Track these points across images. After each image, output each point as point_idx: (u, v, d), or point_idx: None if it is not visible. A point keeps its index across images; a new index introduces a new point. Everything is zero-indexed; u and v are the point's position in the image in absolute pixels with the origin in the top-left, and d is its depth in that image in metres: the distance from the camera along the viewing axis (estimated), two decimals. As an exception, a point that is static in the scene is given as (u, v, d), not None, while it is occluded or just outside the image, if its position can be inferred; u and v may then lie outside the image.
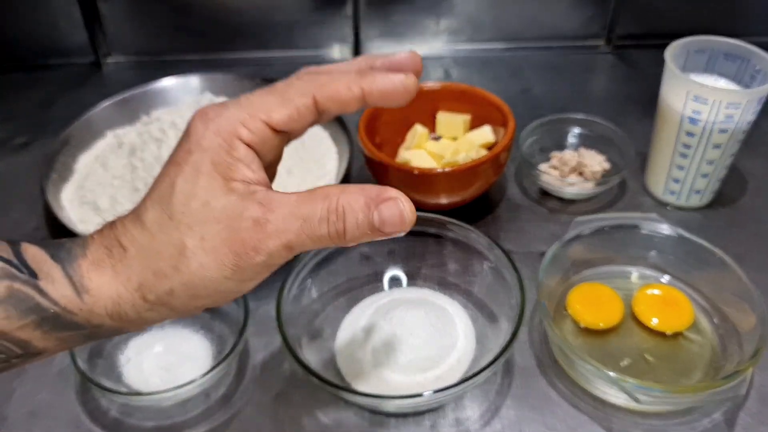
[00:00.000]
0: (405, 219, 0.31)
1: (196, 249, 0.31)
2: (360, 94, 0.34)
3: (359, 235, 0.32)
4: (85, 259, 0.32)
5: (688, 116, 0.63)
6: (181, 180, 0.32)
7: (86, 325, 0.32)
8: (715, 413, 0.52)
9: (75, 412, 0.53)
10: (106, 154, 0.74)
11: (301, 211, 0.31)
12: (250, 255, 0.31)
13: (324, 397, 0.53)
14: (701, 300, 0.59)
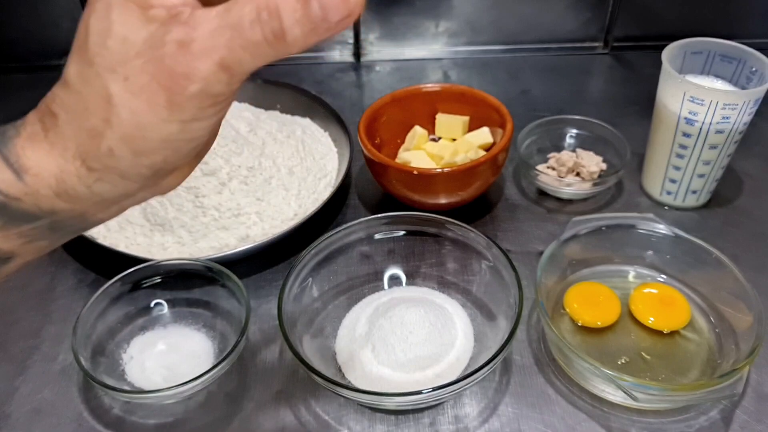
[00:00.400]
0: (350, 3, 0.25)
1: (122, 93, 0.27)
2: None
3: (302, 34, 0.26)
4: (20, 137, 0.29)
5: (684, 117, 0.64)
6: (93, 19, 0.27)
7: (37, 212, 0.29)
8: (711, 411, 0.52)
9: (78, 410, 0.53)
10: None
11: (228, 19, 0.26)
12: (181, 85, 0.26)
13: (325, 395, 0.54)
14: (698, 299, 0.59)
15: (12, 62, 0.94)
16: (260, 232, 0.65)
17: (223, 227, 0.65)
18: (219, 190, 0.65)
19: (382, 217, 0.61)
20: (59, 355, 0.57)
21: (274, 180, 0.68)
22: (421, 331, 0.54)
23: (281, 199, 0.68)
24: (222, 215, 0.65)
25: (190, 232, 0.64)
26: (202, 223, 0.64)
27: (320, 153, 0.75)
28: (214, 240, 0.64)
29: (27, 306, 0.62)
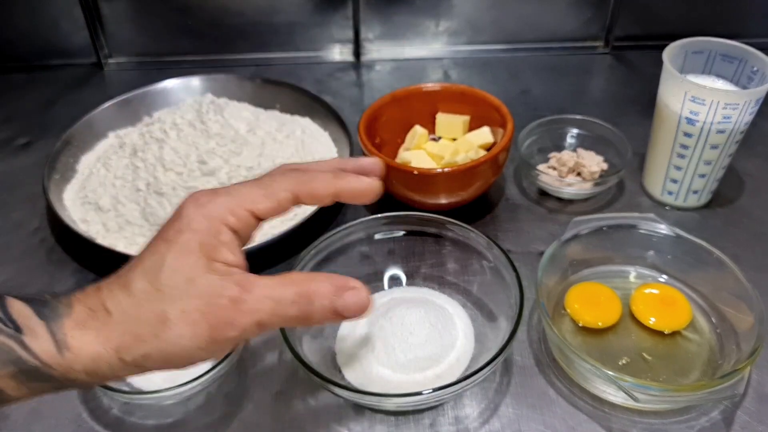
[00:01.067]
0: (364, 307, 0.37)
1: (177, 320, 0.34)
2: (335, 192, 0.40)
3: (322, 317, 0.36)
4: (70, 318, 0.34)
5: (685, 117, 0.63)
6: (170, 256, 0.35)
7: (61, 378, 0.34)
8: (713, 412, 0.52)
9: (76, 411, 0.53)
10: (108, 155, 0.73)
11: (274, 294, 0.35)
12: (225, 330, 0.34)
13: (324, 395, 0.54)
14: (699, 299, 0.59)
15: (12, 62, 0.94)
16: (259, 232, 0.65)
17: None
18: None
19: (382, 217, 0.61)
20: (58, 356, 0.57)
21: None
22: (421, 332, 0.54)
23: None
24: None
25: None
26: None
27: (320, 153, 0.75)
28: None
29: (26, 306, 0.62)
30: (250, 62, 0.95)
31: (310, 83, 0.90)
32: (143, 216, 0.65)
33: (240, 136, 0.69)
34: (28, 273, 0.65)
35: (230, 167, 0.66)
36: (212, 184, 0.65)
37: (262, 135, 0.71)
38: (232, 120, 0.71)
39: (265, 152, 0.69)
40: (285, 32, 0.95)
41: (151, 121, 0.76)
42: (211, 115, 0.72)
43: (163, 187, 0.65)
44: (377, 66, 0.96)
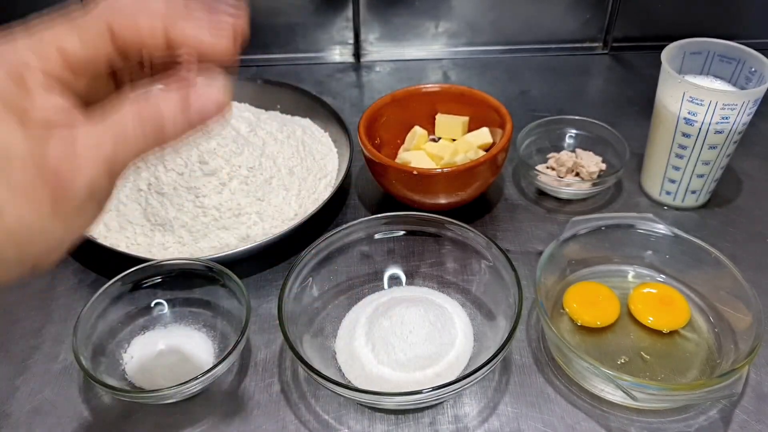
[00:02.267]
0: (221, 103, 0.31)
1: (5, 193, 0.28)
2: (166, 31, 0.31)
3: (179, 131, 0.30)
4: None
5: (684, 117, 0.64)
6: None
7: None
8: (711, 411, 0.53)
9: (78, 410, 0.54)
10: None
11: (110, 124, 0.29)
12: (69, 186, 0.28)
13: (325, 394, 0.54)
14: (697, 299, 0.60)
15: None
16: (260, 231, 0.65)
17: (223, 227, 0.65)
18: (219, 190, 0.65)
19: (382, 217, 0.61)
20: (60, 355, 0.57)
21: (274, 180, 0.68)
22: (420, 331, 0.54)
23: (281, 199, 0.68)
24: (222, 215, 0.65)
25: (191, 232, 0.64)
26: (202, 223, 0.64)
27: (320, 153, 0.75)
28: (215, 240, 0.64)
29: (28, 306, 0.62)
30: (251, 63, 0.95)
31: (311, 84, 0.90)
32: (144, 216, 0.65)
33: (241, 136, 0.69)
34: (29, 273, 0.65)
35: (231, 167, 0.66)
36: (213, 185, 0.65)
37: (263, 135, 0.71)
38: (233, 120, 0.71)
39: (266, 152, 0.69)
40: (286, 34, 0.95)
41: None
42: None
43: (164, 187, 0.65)
44: (377, 67, 0.96)
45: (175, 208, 0.64)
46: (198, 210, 0.64)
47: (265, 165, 0.68)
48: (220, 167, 0.66)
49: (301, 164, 0.71)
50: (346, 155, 0.72)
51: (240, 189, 0.66)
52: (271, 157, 0.69)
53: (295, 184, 0.69)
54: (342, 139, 0.75)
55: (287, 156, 0.71)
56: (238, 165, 0.66)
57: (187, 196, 0.64)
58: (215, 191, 0.65)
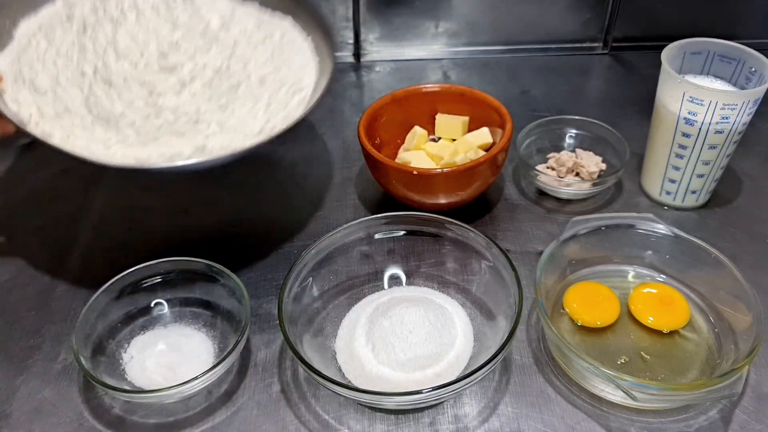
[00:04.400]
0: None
1: None
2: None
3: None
4: None
5: (684, 117, 0.64)
6: None
7: None
8: (711, 411, 0.52)
9: (78, 410, 0.54)
10: (53, 25, 0.61)
11: None
12: None
13: (325, 394, 0.54)
14: (697, 299, 0.60)
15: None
16: (219, 144, 0.57)
17: (177, 132, 0.56)
18: (178, 90, 0.57)
19: (382, 217, 0.61)
20: (60, 355, 0.57)
21: (242, 87, 0.60)
22: (421, 331, 0.54)
23: (247, 110, 0.59)
24: (178, 119, 0.56)
25: (138, 133, 0.56)
26: (153, 125, 0.56)
27: (298, 63, 0.65)
28: (165, 146, 0.56)
29: (27, 305, 0.62)
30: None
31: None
32: (86, 105, 0.56)
33: (210, 31, 0.60)
34: (28, 272, 0.65)
35: (194, 65, 0.57)
36: (171, 82, 0.56)
37: (235, 33, 0.62)
38: (204, 10, 0.62)
39: (236, 53, 0.61)
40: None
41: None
42: (180, 0, 0.61)
43: (113, 77, 0.56)
44: (377, 67, 0.96)
45: (123, 103, 0.56)
46: (150, 109, 0.56)
47: (234, 69, 0.60)
48: (181, 64, 0.57)
49: (274, 73, 0.62)
50: (328, 69, 0.63)
51: (202, 92, 0.58)
52: (241, 60, 0.61)
53: (265, 95, 0.61)
54: (324, 48, 0.65)
55: (260, 62, 0.62)
56: (203, 64, 0.58)
57: (139, 92, 0.56)
58: (173, 91, 0.57)
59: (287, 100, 0.62)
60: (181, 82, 0.57)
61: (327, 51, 0.65)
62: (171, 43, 0.58)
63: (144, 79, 0.56)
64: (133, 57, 0.57)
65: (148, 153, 0.55)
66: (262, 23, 0.65)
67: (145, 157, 0.55)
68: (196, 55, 0.58)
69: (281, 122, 0.60)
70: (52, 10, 0.63)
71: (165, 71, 0.57)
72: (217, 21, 0.62)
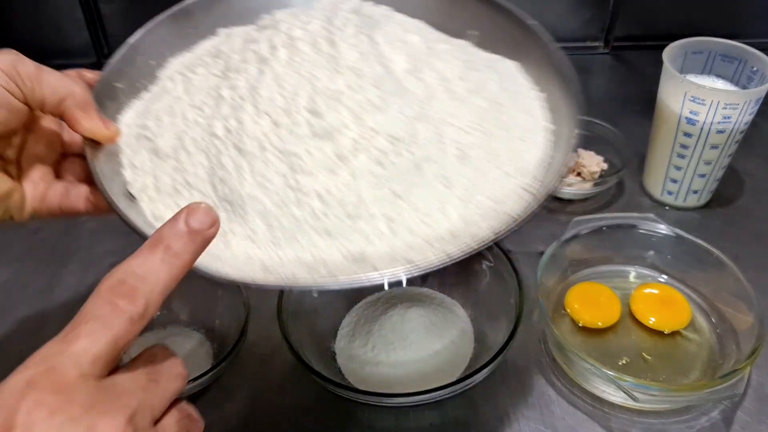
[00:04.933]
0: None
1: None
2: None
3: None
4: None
5: (685, 117, 0.64)
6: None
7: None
8: (712, 412, 0.52)
9: (77, 410, 0.53)
10: (198, 63, 0.47)
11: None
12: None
13: (325, 395, 0.54)
14: (699, 299, 0.59)
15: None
16: (385, 251, 0.38)
17: (325, 231, 0.39)
18: (333, 166, 0.39)
19: (382, 217, 0.60)
20: (59, 355, 0.57)
21: (430, 165, 0.40)
22: (420, 331, 0.54)
23: (435, 200, 0.40)
24: (329, 210, 0.39)
25: (270, 226, 0.39)
26: (292, 216, 0.39)
27: (521, 128, 0.44)
28: (307, 248, 0.39)
29: (27, 306, 0.62)
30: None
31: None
32: (210, 179, 0.41)
33: (393, 76, 0.42)
34: (27, 273, 0.65)
35: (362, 130, 0.40)
36: (324, 154, 0.39)
37: (431, 80, 0.44)
38: (384, 47, 0.44)
39: (429, 113, 0.42)
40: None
41: (265, 25, 0.47)
42: (349, 30, 0.43)
43: (247, 141, 0.40)
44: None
45: (254, 180, 0.40)
46: (290, 192, 0.39)
47: (423, 136, 0.41)
48: (342, 126, 0.40)
49: (484, 144, 0.42)
50: (564, 141, 0.43)
51: (369, 171, 0.39)
52: (435, 122, 0.42)
53: (465, 177, 0.41)
54: (563, 108, 0.45)
55: (464, 124, 0.43)
56: (374, 129, 0.40)
57: (278, 165, 0.40)
58: (325, 167, 0.39)
59: (499, 186, 0.41)
60: (338, 155, 0.39)
61: (567, 111, 0.45)
62: (330, 94, 0.40)
63: (286, 147, 0.40)
64: (276, 114, 0.40)
65: (280, 257, 0.39)
66: (473, 67, 0.46)
67: (278, 265, 0.38)
68: (365, 113, 0.40)
69: (482, 220, 0.39)
70: (207, 44, 0.50)
71: (317, 137, 0.40)
72: (404, 63, 0.43)
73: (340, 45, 0.42)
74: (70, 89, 0.40)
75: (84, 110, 0.41)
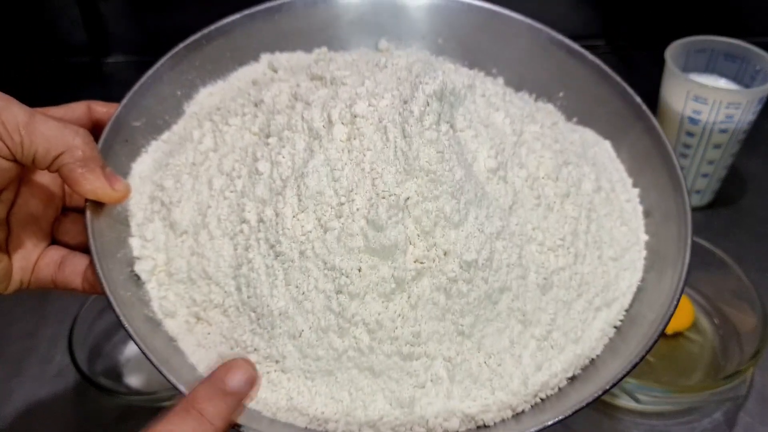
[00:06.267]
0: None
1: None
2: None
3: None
4: None
5: (688, 116, 0.63)
6: None
7: None
8: (715, 413, 0.52)
9: (74, 412, 0.53)
10: (231, 107, 0.40)
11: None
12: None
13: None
14: (702, 300, 0.59)
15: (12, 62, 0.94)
16: (440, 402, 0.33)
17: (369, 370, 0.33)
18: (388, 291, 0.33)
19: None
20: (56, 357, 0.57)
21: (506, 295, 0.34)
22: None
23: (508, 340, 0.34)
24: (377, 345, 0.33)
25: (304, 357, 0.33)
26: (331, 348, 0.33)
27: (617, 240, 0.38)
28: (345, 388, 0.33)
29: (23, 307, 0.61)
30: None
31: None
32: (234, 274, 0.35)
33: (474, 180, 0.35)
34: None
35: (428, 246, 0.33)
36: (379, 275, 0.33)
37: (517, 180, 0.37)
38: (467, 133, 0.36)
39: (511, 226, 0.35)
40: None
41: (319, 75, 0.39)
42: (429, 118, 0.34)
43: (284, 241, 0.33)
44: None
45: (289, 293, 0.33)
46: (331, 317, 0.33)
47: (500, 257, 0.34)
48: (400, 242, 0.33)
49: (573, 264, 0.36)
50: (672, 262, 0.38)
51: (430, 299, 0.33)
52: (517, 238, 0.35)
53: (548, 312, 0.35)
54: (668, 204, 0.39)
55: (552, 242, 0.36)
56: (445, 248, 0.33)
57: (320, 281, 0.33)
58: (379, 291, 0.33)
59: (585, 320, 0.35)
60: (397, 279, 0.33)
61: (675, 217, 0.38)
62: (394, 202, 0.33)
63: (333, 261, 0.33)
64: (324, 213, 0.33)
65: (312, 395, 0.33)
66: (563, 160, 0.39)
67: (309, 407, 0.32)
68: (437, 229, 0.33)
69: (562, 366, 0.34)
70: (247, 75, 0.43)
71: (373, 253, 0.33)
72: (488, 160, 0.36)
73: (414, 140, 0.33)
74: (67, 142, 0.33)
75: (86, 167, 0.33)
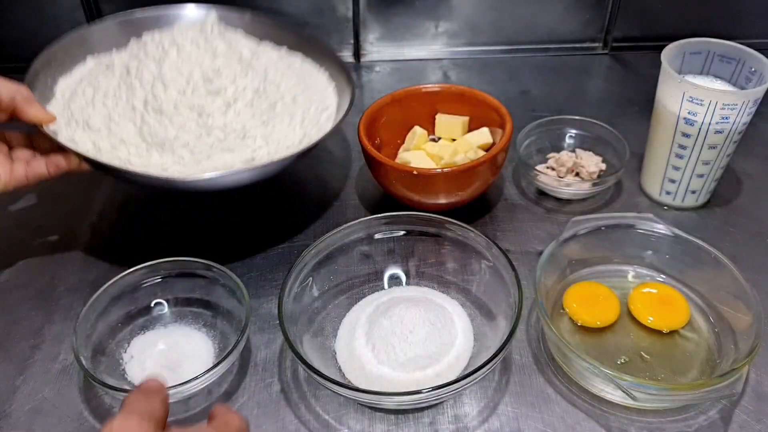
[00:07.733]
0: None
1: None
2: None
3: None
4: None
5: (683, 117, 0.64)
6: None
7: None
8: (711, 411, 0.53)
9: (78, 410, 0.54)
10: (95, 76, 0.68)
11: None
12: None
13: (324, 394, 0.54)
14: (697, 299, 0.60)
15: (12, 62, 0.94)
16: (266, 155, 0.63)
17: (228, 149, 0.62)
18: (224, 110, 0.63)
19: (381, 217, 0.61)
20: (60, 355, 0.57)
21: (278, 105, 0.66)
22: (420, 331, 0.54)
23: (286, 125, 0.66)
24: (227, 136, 0.63)
25: (193, 153, 0.62)
26: (206, 144, 0.62)
27: (320, 86, 0.73)
28: (218, 161, 0.62)
29: (28, 305, 0.62)
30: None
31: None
32: (140, 135, 0.62)
33: (244, 59, 0.67)
34: (29, 272, 0.65)
35: (236, 88, 0.64)
36: (218, 104, 0.63)
37: (264, 61, 0.69)
38: (235, 43, 0.69)
39: (269, 77, 0.68)
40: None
41: (143, 43, 0.69)
42: (216, 34, 0.68)
43: (164, 105, 0.62)
44: (377, 67, 0.96)
45: (176, 127, 0.62)
46: (201, 130, 0.62)
47: (269, 90, 0.67)
48: (224, 87, 0.64)
49: (303, 94, 0.69)
50: (346, 91, 0.70)
51: (245, 111, 0.64)
52: (274, 83, 0.68)
53: (299, 111, 0.67)
54: (340, 76, 0.73)
55: (290, 84, 0.69)
56: (243, 87, 0.65)
57: (190, 115, 0.62)
58: (220, 111, 0.63)
59: (318, 116, 0.69)
60: (226, 103, 0.63)
61: (343, 78, 0.72)
62: (214, 70, 0.64)
63: (193, 103, 0.62)
64: (180, 85, 0.63)
65: (202, 168, 0.61)
66: (282, 57, 0.74)
67: (201, 173, 0.60)
68: (237, 78, 0.65)
69: (316, 134, 0.66)
70: (87, 67, 0.72)
71: (211, 94, 0.63)
72: (248, 52, 0.69)
73: (212, 41, 0.67)
74: (17, 89, 0.57)
75: (29, 103, 0.58)
